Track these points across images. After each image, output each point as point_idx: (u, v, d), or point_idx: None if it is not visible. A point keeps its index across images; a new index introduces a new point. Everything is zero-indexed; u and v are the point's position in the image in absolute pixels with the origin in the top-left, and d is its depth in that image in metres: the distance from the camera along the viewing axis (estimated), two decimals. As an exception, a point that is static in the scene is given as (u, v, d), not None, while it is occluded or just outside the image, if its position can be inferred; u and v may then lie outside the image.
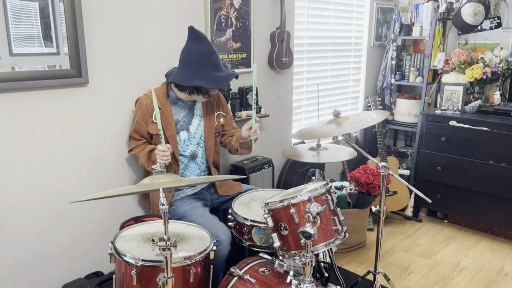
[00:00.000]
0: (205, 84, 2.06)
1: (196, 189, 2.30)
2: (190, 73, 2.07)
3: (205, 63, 2.07)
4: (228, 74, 2.12)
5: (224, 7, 2.63)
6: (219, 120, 2.35)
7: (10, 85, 1.85)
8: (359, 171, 3.05)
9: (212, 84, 2.08)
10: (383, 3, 3.92)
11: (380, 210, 2.12)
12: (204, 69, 2.07)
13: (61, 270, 2.18)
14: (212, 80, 2.07)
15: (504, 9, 3.47)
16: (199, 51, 2.06)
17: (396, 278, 2.73)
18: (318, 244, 1.71)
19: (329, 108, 3.72)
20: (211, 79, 2.07)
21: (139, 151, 2.20)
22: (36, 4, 1.89)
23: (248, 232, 1.97)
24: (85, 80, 2.08)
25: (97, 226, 2.28)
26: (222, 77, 2.09)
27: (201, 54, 2.06)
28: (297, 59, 3.27)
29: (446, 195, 3.40)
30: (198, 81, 2.06)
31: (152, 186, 1.49)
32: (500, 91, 3.45)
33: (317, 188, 1.75)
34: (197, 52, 2.07)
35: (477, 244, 3.21)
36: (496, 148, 3.06)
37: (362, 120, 2.10)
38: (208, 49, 2.07)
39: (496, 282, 2.70)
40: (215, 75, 2.08)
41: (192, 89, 2.12)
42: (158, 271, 1.57)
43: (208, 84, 2.07)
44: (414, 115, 3.82)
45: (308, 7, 3.29)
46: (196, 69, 2.07)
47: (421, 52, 3.97)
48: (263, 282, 1.75)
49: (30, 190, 2.01)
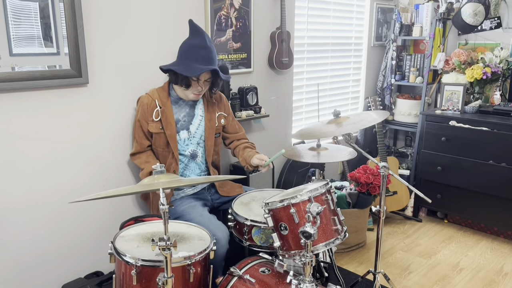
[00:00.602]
0: (179, 70, 2.05)
1: (197, 189, 2.31)
2: (176, 62, 2.11)
3: (192, 55, 2.08)
4: (208, 67, 2.07)
5: (224, 7, 2.63)
6: (220, 121, 2.35)
7: (10, 85, 1.85)
8: (359, 171, 3.05)
9: (187, 71, 2.05)
10: (383, 3, 3.92)
11: (380, 210, 2.12)
12: (189, 59, 2.08)
13: (61, 270, 2.18)
14: (189, 69, 2.05)
15: (504, 9, 3.47)
16: (190, 43, 2.10)
17: (396, 278, 2.74)
18: (318, 244, 1.71)
19: (329, 108, 3.72)
20: (188, 68, 2.05)
21: (141, 162, 2.21)
22: (36, 4, 1.89)
23: (248, 232, 1.97)
24: (85, 80, 2.08)
25: (97, 226, 2.28)
26: (199, 68, 2.06)
27: (190, 46, 2.09)
28: (297, 59, 3.27)
29: (446, 195, 3.40)
30: (175, 67, 2.07)
31: (152, 186, 1.49)
32: (500, 91, 3.45)
33: (317, 188, 1.75)
34: (188, 44, 2.11)
35: (477, 244, 3.21)
36: (496, 148, 3.06)
37: (362, 120, 2.10)
38: (201, 44, 2.08)
39: (496, 282, 2.70)
40: (196, 66, 2.06)
41: (175, 80, 2.11)
42: (158, 271, 1.57)
43: (182, 71, 2.05)
44: (414, 115, 3.82)
45: (308, 7, 3.29)
46: (182, 59, 2.10)
47: (421, 52, 3.97)
48: (263, 282, 1.75)
49: (30, 190, 2.02)
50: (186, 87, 2.13)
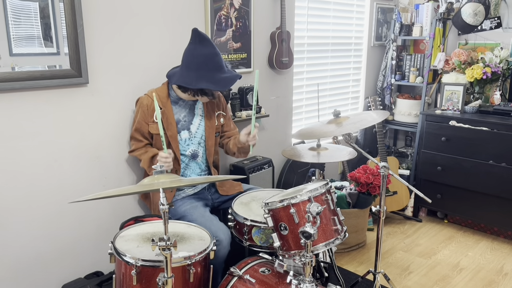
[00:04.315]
0: (212, 86, 2.08)
1: (197, 188, 2.31)
2: (196, 75, 2.07)
3: (210, 65, 2.08)
4: (233, 75, 2.13)
5: (224, 7, 2.63)
6: (220, 120, 2.36)
7: (10, 85, 1.85)
8: (359, 171, 3.05)
9: (218, 86, 2.09)
10: (383, 3, 3.92)
11: (380, 210, 2.12)
12: (209, 71, 2.08)
13: (61, 270, 2.18)
14: (218, 82, 2.09)
15: (504, 9, 3.47)
16: (204, 54, 2.07)
17: (396, 278, 2.74)
18: (318, 244, 1.71)
19: (329, 108, 3.72)
20: (217, 81, 2.08)
21: (141, 153, 2.21)
22: (36, 4, 1.89)
23: (248, 232, 1.97)
24: (85, 80, 2.08)
25: (97, 226, 2.28)
26: (227, 78, 2.11)
27: (206, 56, 2.07)
28: (297, 59, 3.27)
29: (446, 195, 3.40)
30: (204, 83, 2.07)
31: (152, 186, 1.49)
32: (500, 91, 3.45)
33: (317, 188, 1.75)
34: (202, 54, 2.07)
35: (477, 244, 3.21)
36: (496, 148, 3.06)
37: (362, 120, 2.10)
38: (213, 51, 2.08)
39: (496, 282, 2.70)
40: (220, 77, 2.09)
41: (197, 91, 2.13)
42: (158, 271, 1.57)
43: (214, 86, 2.08)
44: (414, 115, 3.82)
45: (308, 7, 3.29)
46: (201, 71, 2.08)
47: (421, 52, 3.97)
48: (263, 282, 1.75)
49: (30, 190, 2.01)
50: (213, 98, 2.18)
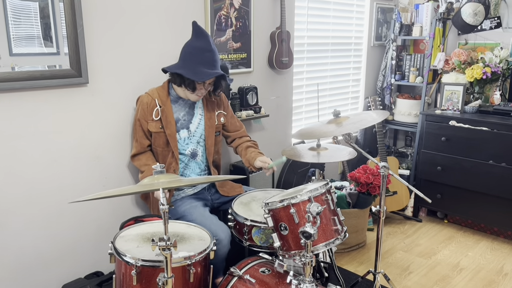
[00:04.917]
0: (186, 73, 2.07)
1: (197, 188, 2.31)
2: (181, 64, 2.11)
3: (197, 58, 2.09)
4: (213, 71, 2.11)
5: (224, 7, 2.63)
6: (220, 119, 2.36)
7: (10, 85, 1.85)
8: (359, 171, 3.05)
9: (195, 76, 2.07)
10: (383, 3, 3.92)
11: (380, 210, 2.12)
12: (194, 63, 2.09)
13: (61, 270, 2.18)
14: (197, 73, 2.08)
15: (504, 9, 3.47)
16: (195, 46, 2.10)
17: (396, 278, 2.73)
18: (318, 244, 1.71)
19: (329, 108, 3.72)
20: (195, 72, 2.07)
21: (142, 164, 2.21)
22: (36, 4, 1.88)
23: (248, 232, 1.97)
24: (85, 80, 2.08)
25: (97, 226, 2.28)
26: (206, 72, 2.09)
27: (196, 48, 2.10)
28: (297, 59, 3.27)
29: (446, 195, 3.40)
30: (181, 70, 2.08)
31: (152, 186, 1.49)
32: (500, 91, 3.45)
33: (317, 188, 1.75)
34: (193, 46, 2.11)
35: (477, 244, 3.21)
36: (496, 148, 3.06)
37: (362, 120, 2.10)
38: (205, 47, 2.09)
39: (496, 282, 2.70)
40: (202, 70, 2.09)
41: (180, 82, 2.12)
42: (158, 271, 1.57)
43: (189, 75, 2.07)
44: (414, 115, 3.82)
45: (308, 7, 3.29)
46: (187, 61, 2.10)
47: (421, 52, 3.96)
48: (263, 282, 1.75)
49: (30, 190, 2.01)
50: (192, 91, 2.14)
